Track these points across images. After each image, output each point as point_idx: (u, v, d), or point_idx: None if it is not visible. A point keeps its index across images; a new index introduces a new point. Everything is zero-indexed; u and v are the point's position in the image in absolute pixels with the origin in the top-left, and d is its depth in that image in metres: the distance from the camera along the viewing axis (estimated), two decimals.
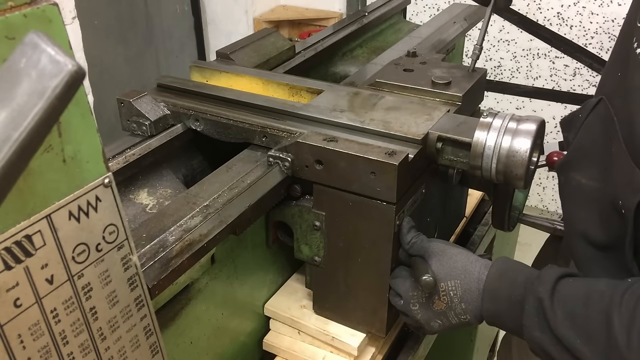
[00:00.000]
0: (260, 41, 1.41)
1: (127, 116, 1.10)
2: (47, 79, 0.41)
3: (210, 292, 0.95)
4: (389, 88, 1.17)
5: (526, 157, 0.91)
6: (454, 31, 1.63)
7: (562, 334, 0.79)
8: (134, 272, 0.68)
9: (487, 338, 1.90)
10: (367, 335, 1.08)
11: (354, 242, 0.99)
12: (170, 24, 3.52)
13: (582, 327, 0.78)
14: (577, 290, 0.81)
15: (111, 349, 0.68)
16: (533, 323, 0.83)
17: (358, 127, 1.02)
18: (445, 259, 0.94)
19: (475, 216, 1.50)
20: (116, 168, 1.00)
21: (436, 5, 3.44)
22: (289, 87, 1.22)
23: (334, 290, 1.06)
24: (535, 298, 0.83)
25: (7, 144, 0.41)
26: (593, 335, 0.77)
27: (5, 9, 0.50)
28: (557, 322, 0.80)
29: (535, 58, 3.28)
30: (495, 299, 0.89)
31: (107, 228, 0.63)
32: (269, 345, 1.12)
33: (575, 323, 0.79)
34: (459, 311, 0.92)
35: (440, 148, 0.99)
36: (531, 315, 0.83)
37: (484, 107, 1.14)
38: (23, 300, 0.56)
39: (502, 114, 0.96)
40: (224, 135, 1.10)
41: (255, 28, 3.61)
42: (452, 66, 1.24)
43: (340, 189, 0.96)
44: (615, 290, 0.78)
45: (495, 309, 0.89)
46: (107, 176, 0.62)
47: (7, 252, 0.53)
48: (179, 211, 0.88)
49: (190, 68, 1.29)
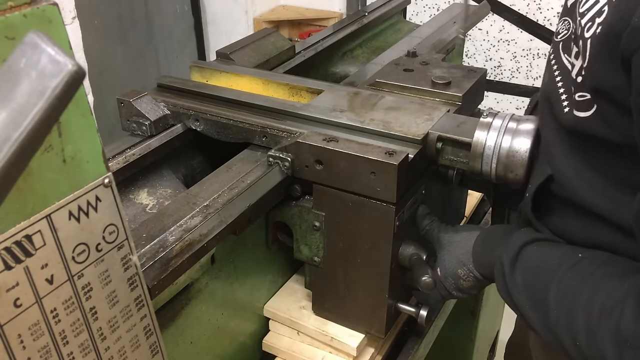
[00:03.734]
0: (260, 41, 1.41)
1: (127, 116, 1.10)
2: (47, 79, 0.41)
3: (210, 292, 0.95)
4: (389, 88, 1.17)
5: (526, 157, 0.91)
6: (454, 31, 1.63)
7: (517, 298, 0.86)
8: (134, 272, 0.68)
9: (487, 338, 1.90)
10: (366, 336, 1.08)
11: (353, 243, 0.99)
12: (170, 24, 3.52)
13: (531, 295, 0.84)
14: (535, 259, 0.86)
15: (111, 349, 0.68)
16: (499, 285, 0.90)
17: (358, 127, 1.02)
18: (453, 249, 1.00)
19: (475, 216, 1.50)
20: (116, 168, 1.00)
21: (436, 5, 3.44)
22: (289, 87, 1.22)
23: (333, 290, 1.06)
24: (500, 263, 0.89)
25: (7, 144, 0.41)
26: (537, 304, 0.83)
27: (5, 9, 0.50)
28: (514, 287, 0.87)
29: (535, 58, 3.28)
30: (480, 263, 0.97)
31: (107, 228, 0.63)
32: (268, 346, 1.12)
33: (527, 290, 0.85)
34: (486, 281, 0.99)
35: (440, 148, 0.99)
36: (498, 278, 0.90)
37: (484, 107, 1.14)
38: (23, 300, 0.56)
39: (502, 114, 0.96)
40: (224, 135, 1.10)
41: (255, 28, 3.61)
42: (452, 66, 1.24)
43: (340, 189, 0.96)
44: (563, 263, 0.82)
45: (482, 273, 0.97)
46: (107, 176, 0.62)
47: (7, 252, 0.53)
48: (179, 211, 0.88)
49: (190, 68, 1.29)
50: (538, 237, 0.88)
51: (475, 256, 0.97)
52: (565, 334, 0.78)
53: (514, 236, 0.90)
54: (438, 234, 1.03)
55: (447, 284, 1.01)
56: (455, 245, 1.01)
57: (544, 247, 0.87)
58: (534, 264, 0.86)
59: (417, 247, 1.00)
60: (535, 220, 0.89)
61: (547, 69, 0.91)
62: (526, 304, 0.85)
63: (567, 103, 0.79)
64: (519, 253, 0.87)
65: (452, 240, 1.01)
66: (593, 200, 0.80)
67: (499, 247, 0.92)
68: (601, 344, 0.72)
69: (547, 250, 0.86)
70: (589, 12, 0.76)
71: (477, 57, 3.41)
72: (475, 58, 3.41)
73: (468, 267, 0.98)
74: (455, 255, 1.00)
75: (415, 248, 0.99)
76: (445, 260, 1.01)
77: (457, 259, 0.99)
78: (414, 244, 1.00)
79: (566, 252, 0.84)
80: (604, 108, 0.73)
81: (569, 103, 0.79)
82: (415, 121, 1.02)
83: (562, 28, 0.89)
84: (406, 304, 1.07)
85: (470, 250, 0.98)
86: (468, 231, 1.02)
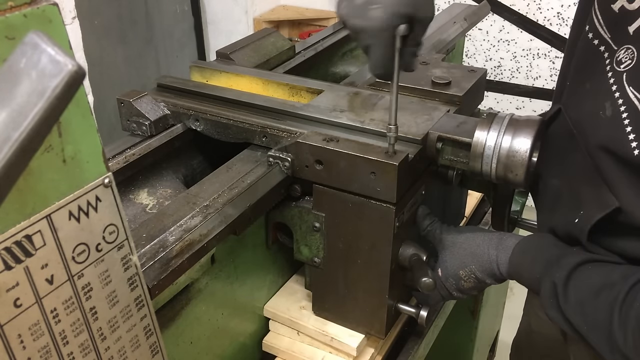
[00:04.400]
0: (260, 41, 1.41)
1: (127, 116, 1.10)
2: (47, 79, 0.41)
3: (210, 293, 0.95)
4: (389, 88, 1.16)
5: (526, 157, 0.91)
6: (454, 31, 1.63)
7: (572, 319, 0.84)
8: (134, 272, 0.68)
9: (487, 338, 1.90)
10: (366, 336, 1.08)
11: (353, 244, 0.99)
12: (170, 24, 3.52)
13: (590, 315, 0.82)
14: (592, 279, 0.84)
15: (111, 349, 0.68)
16: (548, 302, 0.88)
17: (358, 127, 1.02)
18: (455, 250, 1.00)
19: (475, 216, 1.50)
20: (116, 168, 1.00)
21: (436, 5, 3.44)
22: (289, 87, 1.22)
23: (333, 291, 1.06)
24: (551, 282, 0.87)
25: (7, 144, 0.41)
26: (598, 325, 0.81)
27: (5, 9, 0.50)
28: (568, 307, 0.84)
29: (535, 58, 3.28)
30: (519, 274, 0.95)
31: (107, 228, 0.63)
32: (268, 346, 1.12)
33: (584, 311, 0.83)
34: (488, 282, 1.00)
35: (440, 148, 0.99)
36: (546, 296, 0.88)
37: (484, 107, 1.14)
38: (23, 300, 0.56)
39: (502, 114, 0.96)
40: (224, 135, 1.10)
41: (255, 28, 3.61)
42: (452, 66, 1.24)
43: (340, 189, 0.96)
44: (624, 284, 0.80)
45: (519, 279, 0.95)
46: (107, 176, 0.62)
47: (7, 252, 0.53)
48: (179, 211, 0.88)
49: (190, 68, 1.29)
50: (593, 257, 0.87)
51: (514, 267, 0.95)
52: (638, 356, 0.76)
53: (567, 255, 0.88)
54: (440, 235, 1.03)
55: (448, 284, 1.01)
56: (457, 246, 1.00)
57: (600, 267, 0.85)
58: (591, 284, 0.84)
59: (417, 247, 1.00)
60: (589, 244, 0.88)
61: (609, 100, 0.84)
62: (584, 325, 0.83)
63: (636, 144, 0.77)
64: (573, 272, 0.85)
65: (454, 242, 1.01)
66: None
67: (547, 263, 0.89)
68: None
69: (604, 270, 0.85)
70: None
71: (477, 57, 3.41)
72: (475, 58, 3.41)
73: (470, 268, 0.98)
74: (458, 256, 1.00)
75: (415, 249, 0.99)
76: (447, 261, 1.01)
77: (459, 259, 0.99)
78: (414, 244, 1.00)
79: (625, 272, 0.82)
80: None
81: (637, 145, 0.77)
82: (415, 121, 1.02)
83: (625, 57, 0.82)
84: (406, 304, 1.07)
85: (474, 251, 0.98)
86: (471, 232, 1.02)
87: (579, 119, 0.92)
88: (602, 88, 0.85)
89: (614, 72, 0.84)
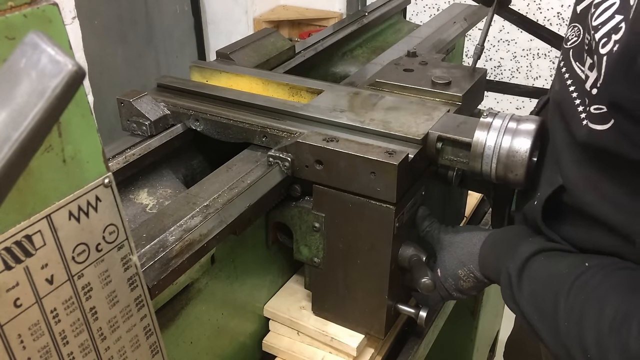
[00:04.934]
0: (260, 41, 1.41)
1: (127, 116, 1.10)
2: (47, 79, 0.41)
3: (210, 293, 0.95)
4: (389, 88, 1.17)
5: (526, 157, 0.91)
6: (454, 31, 1.63)
7: (524, 309, 0.85)
8: (134, 272, 0.68)
9: (487, 338, 1.90)
10: (366, 336, 1.08)
11: (353, 244, 0.99)
12: (170, 24, 3.52)
13: (539, 306, 0.83)
14: (542, 270, 0.86)
15: (111, 349, 0.68)
16: (506, 294, 0.89)
17: (358, 127, 1.02)
18: (453, 250, 1.00)
19: (475, 216, 1.50)
20: (116, 168, 1.00)
21: (436, 5, 3.44)
22: (289, 87, 1.22)
23: (333, 291, 1.06)
24: (506, 273, 0.88)
25: (7, 144, 0.41)
26: (546, 315, 0.82)
27: (5, 9, 0.50)
28: (522, 298, 0.86)
29: (535, 58, 3.28)
30: (485, 267, 0.97)
31: (107, 228, 0.63)
32: (268, 346, 1.12)
33: (535, 301, 0.84)
34: (487, 281, 0.99)
35: (440, 148, 0.99)
36: (504, 287, 0.89)
37: (484, 107, 1.14)
38: (23, 300, 0.56)
39: (502, 114, 0.96)
40: (224, 135, 1.10)
41: (255, 28, 3.62)
42: (452, 66, 1.24)
43: (340, 190, 0.96)
44: (570, 274, 0.81)
45: (487, 276, 0.97)
46: (107, 176, 0.62)
47: (7, 252, 0.53)
48: (179, 211, 0.88)
49: (190, 68, 1.29)
50: (545, 247, 0.87)
51: (482, 260, 0.97)
52: (576, 346, 0.77)
53: (521, 246, 0.89)
54: (438, 235, 1.03)
55: (447, 284, 1.01)
56: (455, 246, 1.01)
57: (551, 257, 0.86)
58: (541, 275, 0.85)
59: (416, 248, 1.00)
60: (545, 228, 0.89)
61: (557, 76, 0.89)
62: (534, 315, 0.84)
63: (584, 115, 0.78)
64: (526, 263, 0.86)
65: (452, 241, 1.01)
66: (606, 211, 0.79)
67: (506, 256, 0.91)
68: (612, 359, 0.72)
69: (554, 260, 0.85)
70: (604, 26, 0.74)
71: None
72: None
73: (469, 267, 0.98)
74: (456, 256, 1.00)
75: (414, 249, 0.99)
76: (445, 261, 1.01)
77: (457, 259, 0.99)
78: (414, 245, 1.00)
79: (573, 262, 0.83)
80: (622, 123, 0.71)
81: (585, 116, 0.78)
82: (415, 121, 1.02)
83: (571, 34, 0.88)
84: (406, 304, 1.07)
85: (471, 251, 0.98)
86: (469, 232, 1.02)
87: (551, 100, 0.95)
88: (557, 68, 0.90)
89: (562, 49, 0.90)
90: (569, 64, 0.86)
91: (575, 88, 0.82)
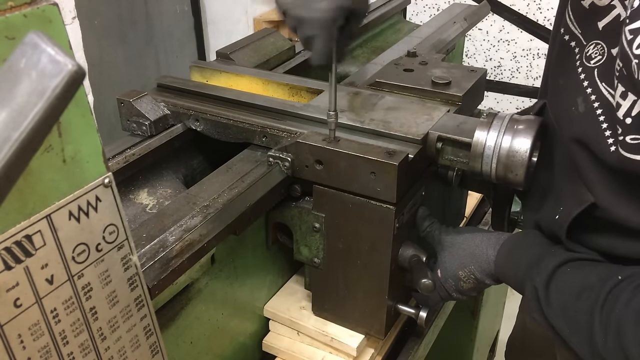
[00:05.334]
0: (260, 41, 1.41)
1: (127, 116, 1.10)
2: (47, 79, 0.41)
3: (210, 293, 0.95)
4: (389, 88, 1.17)
5: (526, 157, 0.91)
6: (454, 31, 1.63)
7: (554, 322, 0.84)
8: (134, 272, 0.68)
9: (487, 338, 1.90)
10: (366, 336, 1.08)
11: (353, 244, 0.99)
12: (170, 24, 3.52)
13: (571, 318, 0.82)
14: (572, 282, 0.84)
15: (111, 349, 0.68)
16: (531, 306, 0.88)
17: (358, 127, 1.02)
18: (454, 250, 1.00)
19: (475, 216, 1.50)
20: (116, 168, 1.00)
21: (436, 5, 3.44)
22: (289, 87, 1.22)
23: (333, 291, 1.06)
24: (532, 286, 0.87)
25: (7, 144, 0.41)
26: (580, 328, 0.81)
27: (5, 9, 0.50)
28: (550, 311, 0.84)
29: (535, 58, 3.28)
30: (505, 276, 0.95)
31: (107, 228, 0.63)
32: (268, 346, 1.12)
33: (565, 314, 0.83)
34: (487, 282, 0.99)
35: (440, 148, 0.99)
36: (531, 300, 0.88)
37: (484, 107, 1.14)
38: (23, 300, 0.56)
39: (502, 114, 0.96)
40: (224, 135, 1.10)
41: (255, 28, 3.61)
42: (452, 66, 1.24)
43: (340, 190, 0.96)
44: (603, 287, 0.80)
45: (510, 285, 0.96)
46: (107, 176, 0.62)
47: (7, 252, 0.53)
48: (179, 211, 0.88)
49: (190, 68, 1.29)
50: (572, 257, 0.86)
51: (499, 269, 0.95)
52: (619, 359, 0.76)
53: (546, 257, 0.88)
54: (439, 236, 1.03)
55: (447, 285, 1.01)
56: (456, 247, 1.00)
57: (579, 269, 0.85)
58: (571, 288, 0.83)
59: (416, 249, 1.00)
60: (568, 241, 0.87)
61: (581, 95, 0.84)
62: (565, 329, 0.83)
63: (612, 141, 0.76)
64: (553, 276, 0.85)
65: (453, 242, 1.01)
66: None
67: (528, 267, 0.89)
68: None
69: (583, 271, 0.84)
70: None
71: (477, 57, 3.41)
72: (475, 58, 3.41)
73: (469, 268, 0.98)
74: (457, 257, 1.00)
75: (415, 250, 0.99)
76: (446, 262, 1.01)
77: (458, 260, 0.99)
78: (414, 245, 1.00)
79: (604, 273, 0.82)
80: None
81: (614, 141, 0.76)
82: (415, 121, 1.02)
83: (594, 53, 0.83)
84: (406, 305, 1.07)
85: (472, 252, 0.98)
86: (470, 233, 1.02)
87: (557, 114, 0.93)
88: (574, 83, 0.86)
89: (584, 67, 0.85)
90: (594, 84, 0.82)
91: (603, 111, 0.80)
